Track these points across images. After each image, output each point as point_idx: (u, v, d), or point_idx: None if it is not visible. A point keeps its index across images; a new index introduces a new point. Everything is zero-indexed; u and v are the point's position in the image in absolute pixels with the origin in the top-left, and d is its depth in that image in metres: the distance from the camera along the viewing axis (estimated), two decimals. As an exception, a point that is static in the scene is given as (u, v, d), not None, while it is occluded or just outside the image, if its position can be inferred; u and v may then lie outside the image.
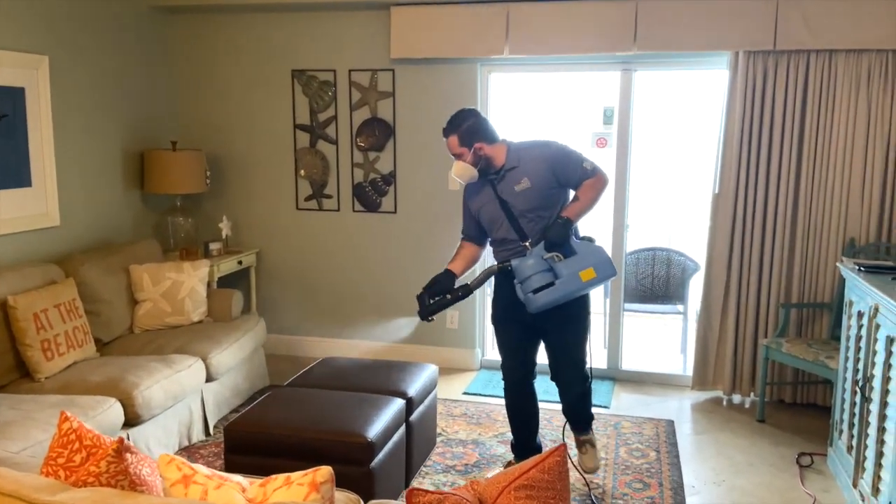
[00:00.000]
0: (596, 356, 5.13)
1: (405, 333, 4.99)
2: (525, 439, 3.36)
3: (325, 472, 1.65)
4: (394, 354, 4.92)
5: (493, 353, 5.06)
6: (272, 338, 4.65)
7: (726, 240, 4.24)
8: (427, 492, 1.54)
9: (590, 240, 3.09)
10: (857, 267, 3.23)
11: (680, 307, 5.15)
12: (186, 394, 3.65)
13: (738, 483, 3.34)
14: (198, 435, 3.81)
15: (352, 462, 2.76)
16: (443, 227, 4.83)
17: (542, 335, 3.25)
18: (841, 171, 4.05)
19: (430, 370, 3.55)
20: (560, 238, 2.95)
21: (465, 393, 4.47)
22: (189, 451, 3.64)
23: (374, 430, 2.83)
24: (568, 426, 3.36)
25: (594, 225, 3.94)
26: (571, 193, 3.13)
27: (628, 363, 4.79)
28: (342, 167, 4.97)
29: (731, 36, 4.08)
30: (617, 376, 4.72)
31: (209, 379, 3.85)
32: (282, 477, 1.69)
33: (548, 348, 3.27)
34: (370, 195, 4.95)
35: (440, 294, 3.14)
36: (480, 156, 3.09)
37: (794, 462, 3.54)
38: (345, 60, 4.84)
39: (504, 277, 3.16)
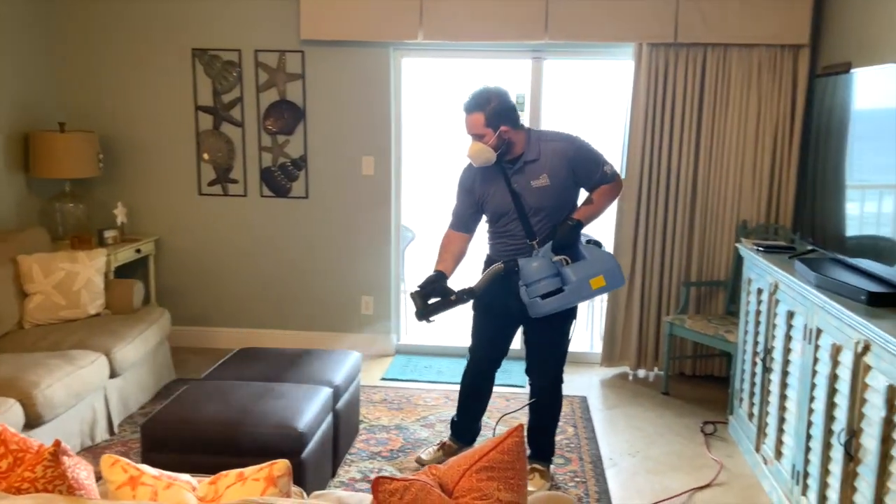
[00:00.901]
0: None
1: (318, 321, 4.91)
2: (471, 421, 3.38)
3: (281, 465, 1.61)
4: (307, 342, 4.82)
5: (408, 338, 5.08)
6: (175, 330, 4.45)
7: (632, 223, 4.42)
8: (393, 479, 1.53)
9: (597, 244, 2.98)
10: (756, 247, 3.46)
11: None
12: (90, 391, 3.44)
13: (651, 453, 3.52)
14: (101, 434, 3.61)
15: (282, 454, 2.63)
16: (356, 212, 4.78)
17: (525, 328, 3.17)
18: (735, 158, 4.31)
19: (354, 357, 3.51)
20: (569, 241, 2.86)
21: (383, 379, 4.46)
22: (93, 452, 3.43)
23: (303, 421, 2.78)
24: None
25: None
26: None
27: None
28: (249, 151, 4.80)
29: (636, 29, 4.25)
30: (529, 357, 4.83)
31: (113, 375, 3.64)
32: (233, 473, 1.63)
33: (527, 343, 3.21)
34: (280, 180, 4.81)
35: (439, 296, 2.97)
36: (504, 140, 2.90)
37: (699, 431, 3.77)
38: (251, 40, 4.66)
39: (505, 274, 2.97)
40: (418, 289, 3.00)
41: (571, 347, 4.89)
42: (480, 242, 3.33)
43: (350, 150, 4.74)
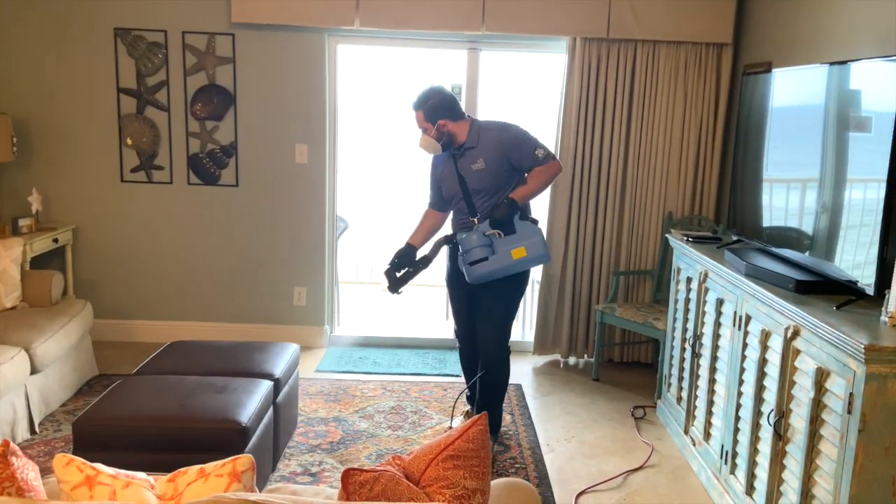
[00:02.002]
0: (439, 328, 5.32)
1: (248, 313, 4.80)
2: (474, 392, 3.49)
3: (245, 460, 1.57)
4: (237, 335, 4.72)
5: (341, 330, 5.04)
6: (95, 323, 4.25)
7: (564, 214, 4.52)
8: (361, 471, 1.52)
9: (534, 221, 3.27)
10: (685, 238, 3.60)
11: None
12: (10, 389, 3.25)
13: (586, 438, 3.62)
14: (22, 434, 3.42)
15: (224, 450, 2.58)
16: (289, 201, 4.69)
17: (476, 300, 3.38)
18: (662, 152, 4.47)
19: (292, 349, 3.46)
20: (503, 217, 3.15)
21: (317, 371, 4.40)
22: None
23: (246, 414, 2.72)
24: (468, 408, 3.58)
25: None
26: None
27: (473, 333, 4.97)
28: (175, 136, 4.63)
29: (570, 23, 4.33)
30: (463, 346, 4.88)
31: (34, 371, 3.46)
32: (193, 470, 1.58)
33: (477, 315, 3.39)
34: (208, 167, 4.67)
35: (405, 267, 3.33)
36: (443, 132, 3.26)
37: (630, 415, 3.91)
38: (178, 21, 4.49)
39: (454, 247, 3.37)
40: (389, 265, 3.36)
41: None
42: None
43: (283, 137, 4.64)
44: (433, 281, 6.45)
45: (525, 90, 5.40)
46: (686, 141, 4.46)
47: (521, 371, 4.53)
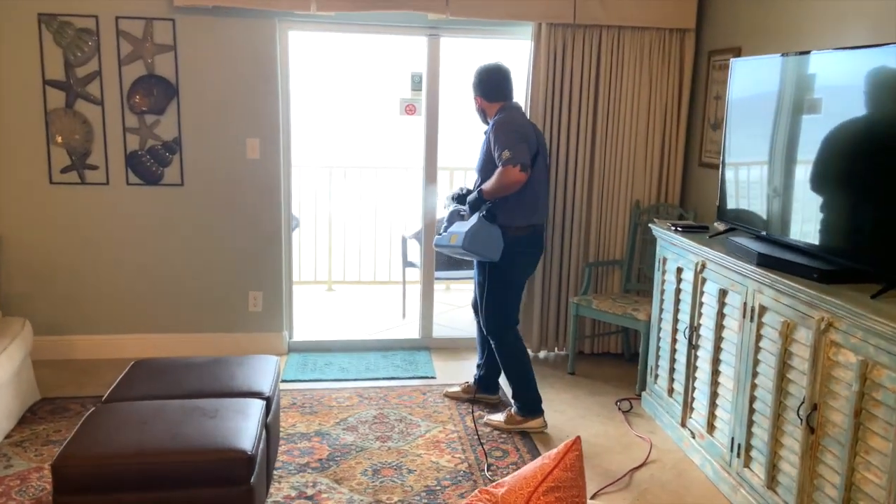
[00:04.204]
0: (401, 328, 5.13)
1: (199, 322, 4.45)
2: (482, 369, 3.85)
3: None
4: (187, 347, 4.37)
5: (302, 335, 4.77)
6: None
7: (534, 205, 4.41)
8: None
9: (491, 215, 3.34)
10: (673, 227, 3.56)
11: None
12: (-51, 426, 2.84)
13: (581, 436, 3.52)
14: (-37, 474, 3.01)
15: (229, 482, 2.37)
16: (241, 200, 4.37)
17: None
18: (628, 139, 4.43)
19: (273, 362, 3.19)
20: (471, 202, 3.41)
21: (283, 380, 4.13)
22: (-44, 498, 2.85)
23: (249, 441, 2.46)
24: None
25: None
26: None
27: (438, 331, 4.81)
28: (111, 133, 4.21)
29: (537, 8, 4.20)
30: (431, 345, 4.71)
31: (-28, 402, 3.05)
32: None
33: None
34: (149, 165, 4.27)
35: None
36: (478, 108, 3.53)
37: (616, 409, 3.86)
38: (110, 5, 4.07)
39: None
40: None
41: (472, 333, 4.90)
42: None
43: (232, 131, 4.31)
44: (384, 278, 6.25)
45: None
46: (651, 128, 4.44)
47: (497, 368, 4.40)
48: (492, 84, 3.43)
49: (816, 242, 2.75)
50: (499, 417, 3.59)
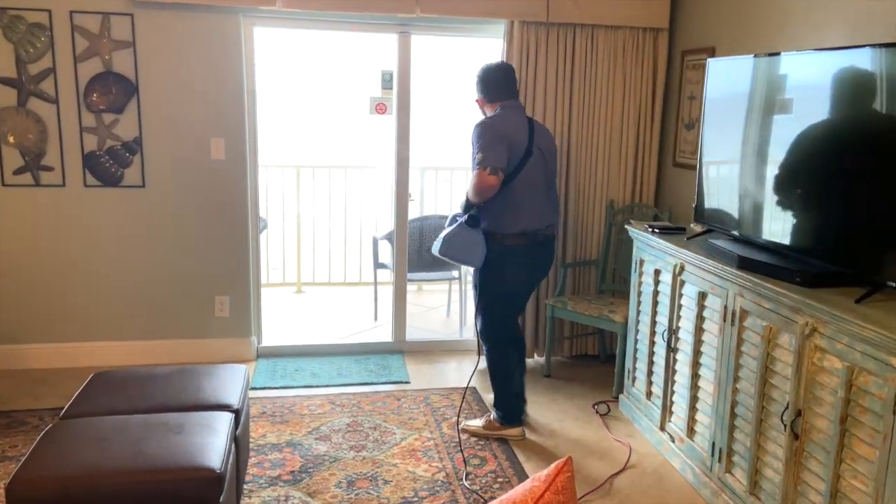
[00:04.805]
0: (372, 331, 5.03)
1: (163, 328, 4.29)
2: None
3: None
4: (154, 354, 4.22)
5: (270, 340, 4.64)
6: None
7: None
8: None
9: (472, 219, 3.26)
10: (650, 229, 3.51)
11: (456, 273, 5.21)
12: None
13: (559, 441, 3.48)
14: None
15: (197, 502, 2.25)
16: (205, 201, 4.23)
17: None
18: (603, 138, 4.38)
19: (241, 371, 3.06)
20: (462, 205, 3.33)
21: (252, 388, 4.00)
22: None
23: (217, 458, 2.34)
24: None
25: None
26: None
27: (411, 334, 4.71)
28: (67, 132, 4.03)
29: (508, 5, 4.13)
30: (404, 349, 4.62)
31: (-82, 419, 2.87)
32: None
33: None
34: (108, 166, 4.10)
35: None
36: (479, 107, 3.41)
37: (594, 412, 3.81)
38: (65, -2, 3.89)
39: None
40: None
41: (446, 336, 4.83)
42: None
43: (196, 130, 4.16)
44: (354, 279, 6.14)
45: (464, 76, 5.18)
46: (626, 128, 4.40)
47: (470, 372, 4.32)
48: (490, 84, 3.32)
49: (796, 244, 2.73)
50: (477, 423, 3.51)
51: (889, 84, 2.35)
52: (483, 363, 3.79)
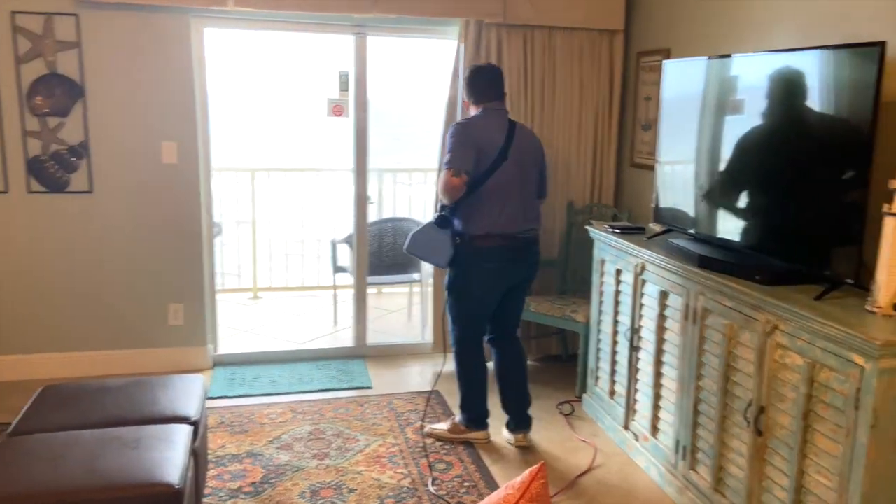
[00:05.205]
0: (332, 336, 4.96)
1: (114, 338, 4.15)
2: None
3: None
4: (105, 365, 4.09)
5: (227, 348, 4.54)
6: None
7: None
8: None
9: (441, 219, 3.25)
10: (610, 229, 3.53)
11: (416, 275, 5.17)
12: None
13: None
14: None
15: None
16: (157, 207, 4.11)
17: None
18: (563, 139, 4.40)
19: (199, 382, 2.97)
20: (439, 205, 3.31)
21: (209, 398, 3.89)
22: None
23: (176, 472, 2.25)
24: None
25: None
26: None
27: (372, 338, 4.66)
28: (9, 136, 3.88)
29: (465, 5, 4.11)
30: (366, 353, 4.56)
31: None
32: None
33: None
34: (53, 172, 3.96)
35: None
36: (465, 108, 3.44)
37: (558, 412, 3.81)
38: (6, -3, 3.73)
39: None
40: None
41: (408, 339, 4.78)
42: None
43: (146, 134, 4.04)
44: (312, 284, 6.05)
45: (424, 77, 5.14)
46: (584, 129, 4.42)
47: (432, 375, 4.29)
48: (474, 85, 3.29)
49: (753, 243, 2.77)
50: (442, 426, 3.48)
51: (835, 85, 2.41)
52: (448, 365, 3.75)
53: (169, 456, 2.34)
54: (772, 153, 2.69)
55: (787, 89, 2.63)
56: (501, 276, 3.26)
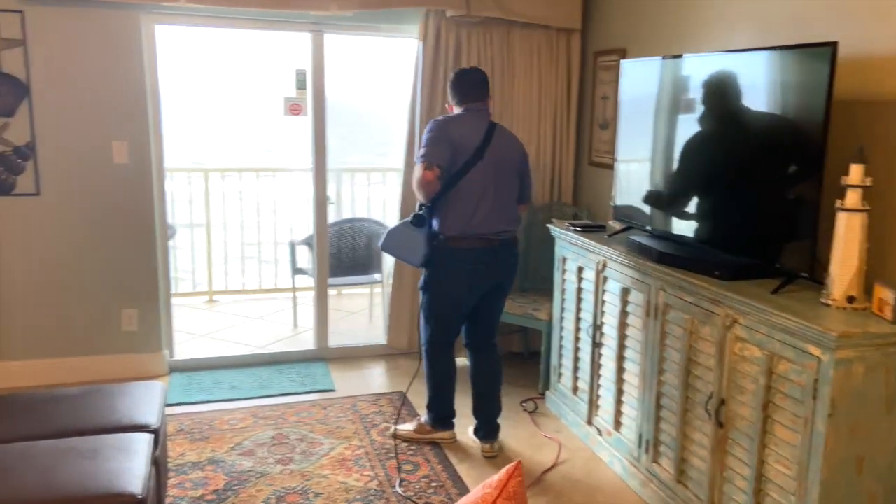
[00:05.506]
0: (292, 339, 4.89)
1: (65, 345, 4.02)
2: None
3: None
4: (56, 373, 3.96)
5: (184, 353, 4.44)
6: None
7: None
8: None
9: (417, 217, 3.22)
10: (571, 227, 3.56)
11: (378, 276, 5.14)
12: None
13: (489, 441, 3.47)
14: None
15: None
16: (108, 209, 4.00)
17: None
18: (522, 139, 4.37)
19: (158, 388, 2.89)
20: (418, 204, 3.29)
21: (167, 405, 3.79)
22: None
23: (138, 482, 2.19)
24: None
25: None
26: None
27: (334, 340, 4.61)
28: (-49, 137, 3.72)
29: (427, -3, 4.09)
30: (327, 356, 4.51)
31: None
32: None
33: None
34: (-1, 174, 3.82)
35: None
36: (448, 111, 3.38)
37: (522, 409, 3.83)
38: (-55, -7, 3.58)
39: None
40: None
41: (370, 341, 4.75)
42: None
43: (95, 133, 3.93)
44: (270, 286, 5.96)
45: (384, 77, 5.11)
46: (543, 127, 4.45)
47: (394, 375, 4.28)
48: (455, 86, 3.28)
49: (711, 239, 2.83)
50: (408, 427, 3.46)
51: (788, 84, 2.48)
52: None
53: (130, 465, 2.27)
54: (726, 152, 2.75)
55: (740, 89, 2.69)
56: (476, 277, 3.20)
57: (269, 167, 6.37)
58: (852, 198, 2.20)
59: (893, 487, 2.17)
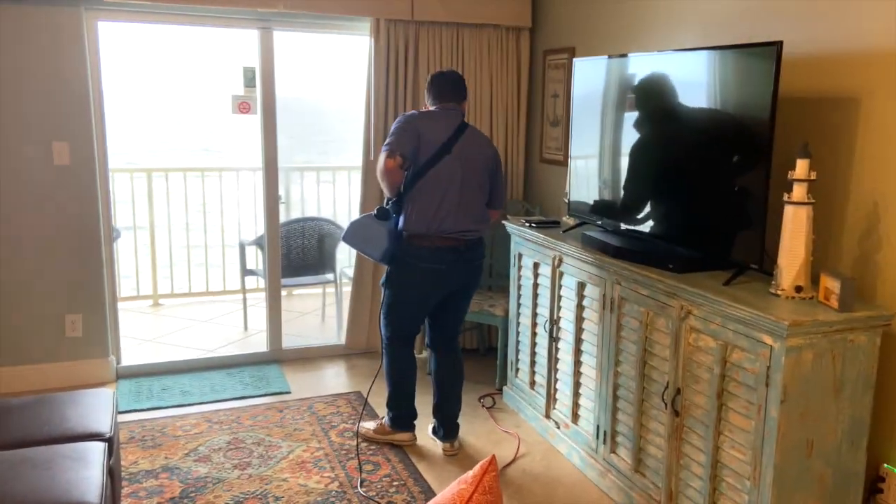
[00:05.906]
0: (243, 342, 4.81)
1: (8, 353, 3.87)
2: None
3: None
4: (1, 384, 3.79)
5: (131, 359, 4.33)
6: None
7: (375, 203, 4.29)
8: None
9: (381, 211, 3.20)
10: (526, 224, 3.60)
11: (330, 276, 5.09)
12: None
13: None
14: None
15: None
16: (49, 211, 3.88)
17: None
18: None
19: (108, 396, 2.81)
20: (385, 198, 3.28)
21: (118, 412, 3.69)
22: None
23: (93, 492, 2.14)
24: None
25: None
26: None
27: (287, 341, 4.55)
28: None
29: (374, 4, 4.08)
30: (280, 358, 4.45)
31: None
32: None
33: None
34: (-69, 176, 3.64)
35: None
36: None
37: (480, 405, 3.86)
38: None
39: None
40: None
41: (324, 342, 4.71)
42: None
43: (35, 134, 3.79)
44: (218, 288, 5.85)
45: (338, 72, 5.06)
46: (495, 125, 4.49)
47: (350, 375, 4.25)
48: (430, 88, 3.30)
49: (662, 233, 2.91)
50: (370, 426, 3.45)
51: (735, 82, 2.56)
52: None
53: (85, 475, 2.21)
54: (676, 149, 2.83)
55: (687, 88, 2.76)
56: (439, 277, 3.17)
57: (214, 167, 6.21)
58: (798, 191, 2.29)
59: (841, 468, 2.27)
